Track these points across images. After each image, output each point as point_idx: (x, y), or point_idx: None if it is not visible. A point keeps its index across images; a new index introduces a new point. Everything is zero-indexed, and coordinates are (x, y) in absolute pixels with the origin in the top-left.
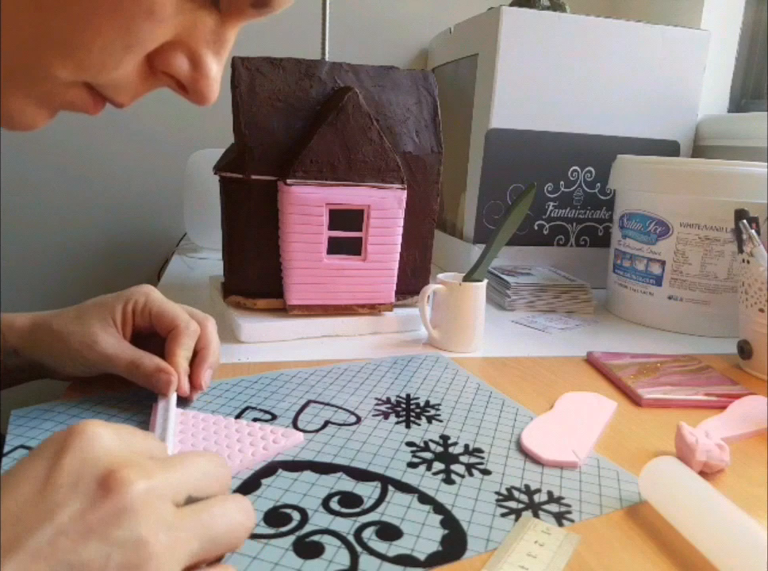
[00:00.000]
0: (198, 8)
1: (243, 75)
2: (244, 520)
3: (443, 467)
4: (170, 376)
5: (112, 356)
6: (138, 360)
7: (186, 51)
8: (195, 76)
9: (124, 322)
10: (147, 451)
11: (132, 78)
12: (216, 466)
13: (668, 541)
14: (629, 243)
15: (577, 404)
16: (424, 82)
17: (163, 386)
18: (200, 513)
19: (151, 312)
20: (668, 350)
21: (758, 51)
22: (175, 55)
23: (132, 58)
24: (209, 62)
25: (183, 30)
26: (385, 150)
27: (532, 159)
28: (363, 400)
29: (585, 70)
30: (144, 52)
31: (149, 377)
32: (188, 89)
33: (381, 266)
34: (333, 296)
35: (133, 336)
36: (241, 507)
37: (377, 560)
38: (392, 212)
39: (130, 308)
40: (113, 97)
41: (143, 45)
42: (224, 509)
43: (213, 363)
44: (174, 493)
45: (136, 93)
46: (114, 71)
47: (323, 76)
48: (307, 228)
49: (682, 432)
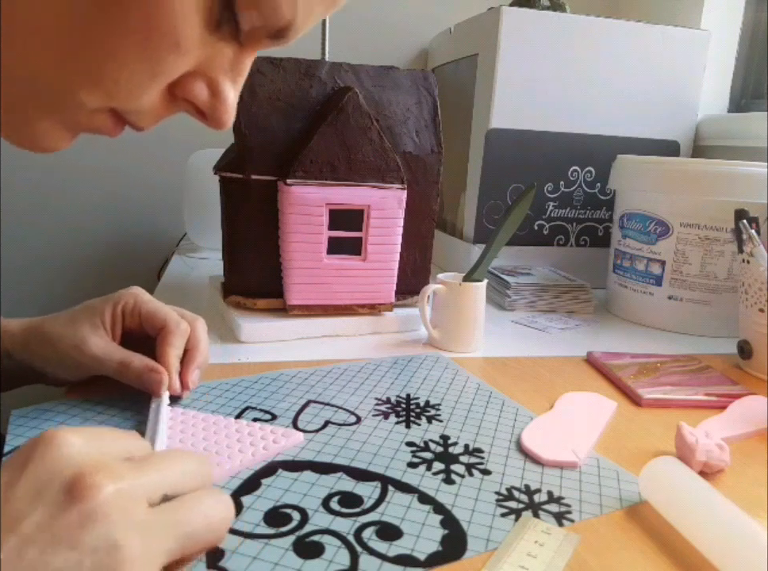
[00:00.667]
0: (219, 40)
1: None
2: (222, 513)
3: (443, 467)
4: (161, 375)
5: (101, 357)
6: (128, 360)
7: (205, 79)
8: (213, 103)
9: (114, 324)
10: (125, 452)
11: (155, 105)
12: (195, 464)
13: (668, 541)
14: (629, 243)
15: (577, 404)
16: (424, 82)
17: (154, 385)
18: (175, 510)
19: (141, 313)
20: (668, 350)
21: (758, 51)
22: (196, 83)
23: (157, 87)
24: (227, 90)
25: (205, 60)
26: (385, 150)
27: (532, 159)
28: (363, 400)
29: (585, 71)
30: (168, 81)
31: (140, 377)
32: (206, 115)
33: (381, 266)
34: (333, 296)
35: (123, 338)
36: (218, 501)
37: (377, 560)
38: (392, 212)
39: (119, 310)
40: (136, 122)
41: (168, 75)
42: (200, 504)
43: (201, 363)
44: (148, 493)
45: (158, 118)
46: (140, 99)
47: (323, 76)
48: (307, 227)
49: (682, 432)
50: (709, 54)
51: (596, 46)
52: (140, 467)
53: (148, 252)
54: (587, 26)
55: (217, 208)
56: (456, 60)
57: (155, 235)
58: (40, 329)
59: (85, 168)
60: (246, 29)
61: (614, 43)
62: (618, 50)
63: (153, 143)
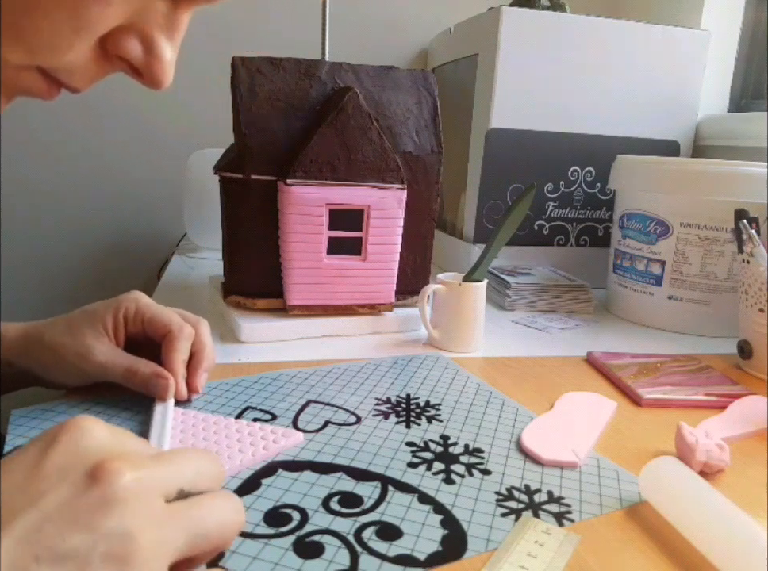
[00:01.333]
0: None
1: (243, 75)
2: (235, 518)
3: (443, 467)
4: (167, 381)
5: (107, 365)
6: (134, 367)
7: (138, 35)
8: (148, 60)
9: (116, 330)
10: (143, 449)
11: (85, 62)
12: (209, 463)
13: (668, 541)
14: (629, 243)
15: (578, 404)
16: (424, 82)
17: (161, 391)
18: (189, 509)
19: (144, 319)
20: (668, 350)
21: (758, 51)
22: (128, 38)
23: (83, 41)
24: (162, 45)
25: (135, 14)
26: (385, 150)
27: (532, 159)
28: (363, 400)
29: (585, 71)
30: (95, 36)
31: (146, 383)
32: (142, 72)
33: (381, 266)
34: (333, 296)
35: (126, 343)
36: (232, 505)
37: (377, 560)
38: (392, 212)
39: (121, 316)
40: (68, 82)
41: (93, 28)
42: (215, 506)
43: (208, 367)
44: (164, 487)
45: (92, 77)
46: (66, 55)
47: (323, 76)
48: (307, 227)
49: (682, 432)
50: (709, 54)
51: (596, 46)
52: (159, 460)
53: (148, 252)
54: (587, 26)
55: (217, 208)
56: (456, 60)
57: (155, 235)
58: (40, 338)
59: (85, 168)
60: None
61: (614, 43)
62: (618, 50)
63: (153, 143)
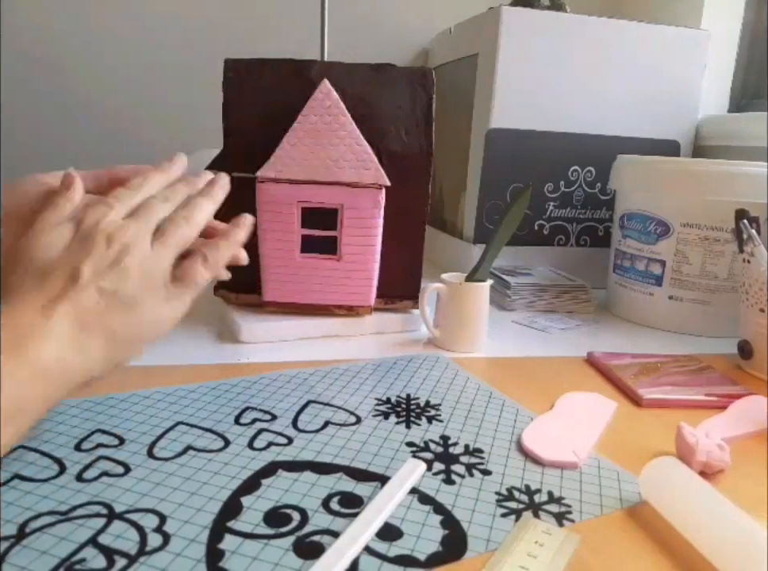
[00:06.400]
0: None
1: (233, 75)
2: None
3: (443, 467)
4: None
5: None
6: None
7: None
8: None
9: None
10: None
11: None
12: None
13: (668, 541)
14: (629, 243)
15: (578, 404)
16: (420, 80)
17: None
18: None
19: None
20: (668, 350)
21: (758, 51)
22: None
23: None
24: None
25: None
26: (360, 149)
27: (532, 159)
28: (363, 401)
29: (585, 71)
30: None
31: None
32: None
33: (357, 267)
34: (308, 295)
35: None
36: None
37: (377, 560)
38: (367, 212)
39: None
40: None
41: None
42: None
43: None
44: None
45: None
46: None
47: (312, 76)
48: (279, 225)
49: (683, 432)
50: (709, 54)
51: (596, 46)
52: None
53: None
54: (587, 26)
55: None
56: (456, 60)
57: None
58: None
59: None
60: None
61: (614, 43)
62: (618, 50)
63: (153, 143)
